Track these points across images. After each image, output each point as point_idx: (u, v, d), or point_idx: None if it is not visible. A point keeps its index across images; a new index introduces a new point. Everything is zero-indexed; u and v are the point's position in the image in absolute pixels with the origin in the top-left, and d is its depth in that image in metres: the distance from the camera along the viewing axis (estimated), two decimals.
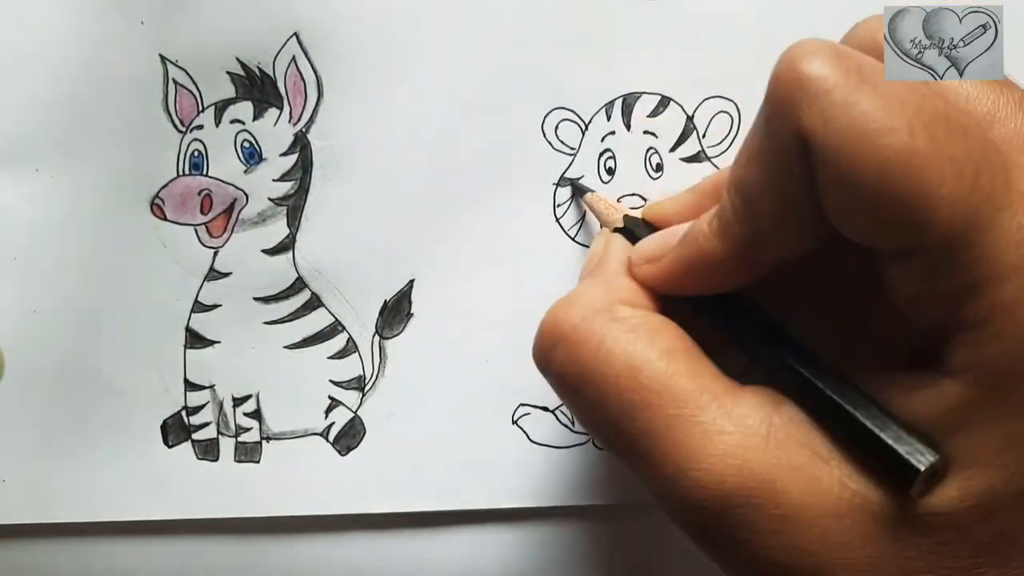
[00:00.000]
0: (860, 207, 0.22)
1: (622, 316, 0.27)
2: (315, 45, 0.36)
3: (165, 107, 0.36)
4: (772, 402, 0.25)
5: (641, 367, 0.26)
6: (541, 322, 0.29)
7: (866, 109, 0.22)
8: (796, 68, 0.23)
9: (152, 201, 0.36)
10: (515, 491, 0.36)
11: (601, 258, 0.31)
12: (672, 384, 0.25)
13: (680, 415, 0.25)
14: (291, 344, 0.37)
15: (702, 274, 0.27)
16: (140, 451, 0.37)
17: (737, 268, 0.26)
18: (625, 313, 0.27)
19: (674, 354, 0.26)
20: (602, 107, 0.36)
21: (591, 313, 0.27)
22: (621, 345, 0.26)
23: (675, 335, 0.27)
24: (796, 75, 0.23)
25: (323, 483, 0.37)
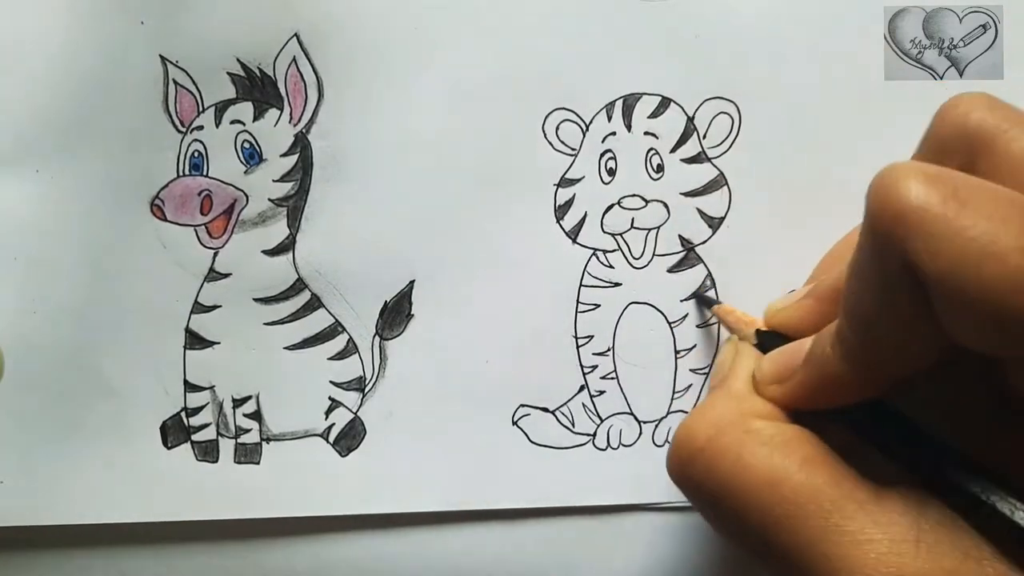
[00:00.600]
0: (979, 329, 0.22)
1: (756, 428, 0.27)
2: (315, 45, 0.36)
3: (165, 107, 0.36)
4: (918, 504, 0.25)
5: (782, 479, 0.26)
6: (675, 435, 0.28)
7: (972, 235, 0.22)
8: (894, 199, 0.23)
9: (152, 202, 0.36)
10: (515, 491, 0.36)
11: (730, 369, 0.31)
12: (815, 495, 0.25)
13: (827, 526, 0.25)
14: (291, 345, 0.37)
15: (830, 394, 0.27)
16: (139, 452, 0.37)
17: (865, 387, 0.26)
18: (758, 425, 0.27)
19: (813, 464, 0.26)
20: (603, 108, 0.36)
21: (725, 426, 0.27)
22: (759, 458, 0.26)
23: (812, 444, 0.27)
24: (895, 207, 0.23)
25: (323, 484, 0.37)
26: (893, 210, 0.23)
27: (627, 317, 0.37)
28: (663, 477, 0.36)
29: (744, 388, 0.30)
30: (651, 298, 0.37)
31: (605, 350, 0.37)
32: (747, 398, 0.29)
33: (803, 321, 0.31)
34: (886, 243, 0.23)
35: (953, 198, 0.22)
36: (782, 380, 0.29)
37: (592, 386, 0.37)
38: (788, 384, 0.28)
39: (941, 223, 0.22)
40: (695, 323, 0.37)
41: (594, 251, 0.36)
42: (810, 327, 0.30)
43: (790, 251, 0.36)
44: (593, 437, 0.37)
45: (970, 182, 0.23)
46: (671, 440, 0.29)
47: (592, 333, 0.37)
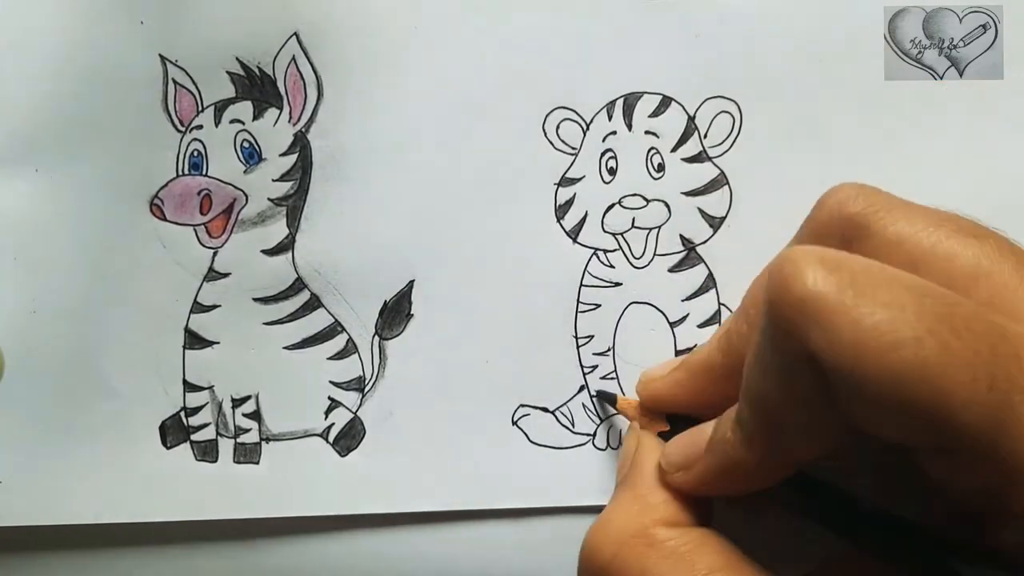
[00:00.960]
0: (881, 418, 0.22)
1: (660, 539, 0.27)
2: (315, 45, 0.36)
3: (165, 107, 0.36)
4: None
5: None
6: (581, 548, 0.28)
7: (869, 324, 0.21)
8: (792, 288, 0.22)
9: (151, 201, 0.36)
10: (515, 491, 0.36)
11: (633, 464, 0.31)
12: None
13: None
14: (291, 345, 0.37)
15: (735, 480, 0.27)
16: (139, 452, 0.37)
17: (768, 473, 0.26)
18: (663, 535, 0.27)
19: (718, 572, 0.26)
20: (603, 107, 0.36)
21: (627, 540, 0.27)
22: (663, 572, 0.26)
23: (716, 551, 0.27)
24: (793, 296, 0.22)
25: (323, 484, 0.37)
26: (791, 298, 0.22)
27: (627, 317, 0.37)
28: None
29: (648, 486, 0.29)
30: (652, 298, 0.36)
31: (605, 350, 0.37)
32: (650, 502, 0.29)
33: (676, 396, 0.31)
34: (786, 332, 0.23)
35: (849, 285, 0.22)
36: (687, 467, 0.28)
37: (592, 386, 0.37)
38: (693, 471, 0.28)
39: (839, 312, 0.22)
40: (695, 323, 0.37)
41: (594, 251, 0.36)
42: (683, 401, 0.30)
43: None
44: (593, 437, 0.37)
45: (868, 267, 0.23)
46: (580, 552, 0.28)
47: (592, 333, 0.37)
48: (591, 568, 0.28)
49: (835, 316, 0.22)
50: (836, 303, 0.22)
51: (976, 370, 0.21)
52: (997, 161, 0.36)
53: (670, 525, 0.28)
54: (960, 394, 0.21)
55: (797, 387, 0.23)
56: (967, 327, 0.22)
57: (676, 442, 0.30)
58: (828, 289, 0.22)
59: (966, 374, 0.21)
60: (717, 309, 0.36)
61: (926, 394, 0.21)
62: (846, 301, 0.22)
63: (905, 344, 0.21)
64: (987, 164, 0.35)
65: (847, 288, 0.22)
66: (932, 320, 0.21)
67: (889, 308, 0.21)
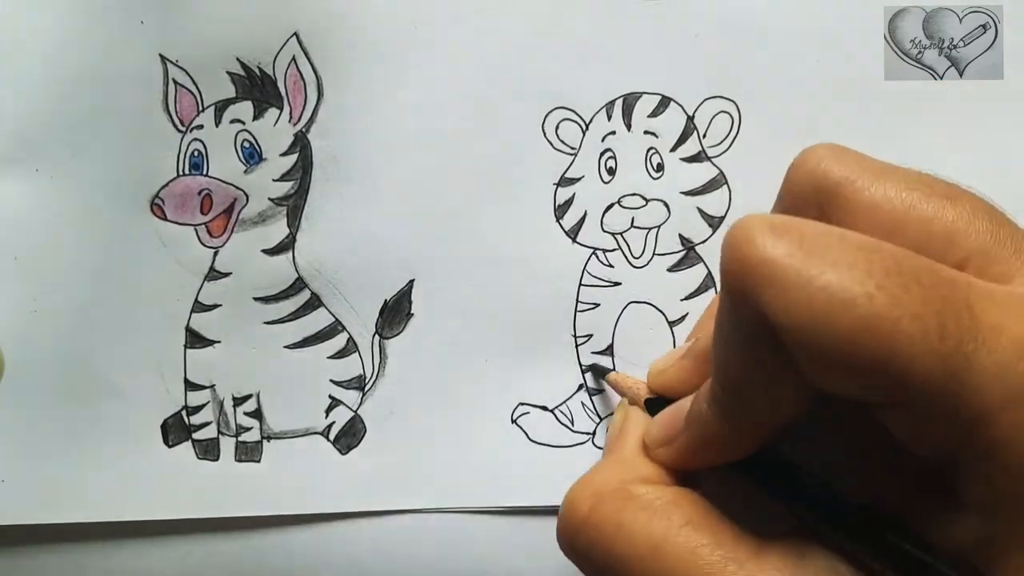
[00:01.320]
0: (838, 376, 0.22)
1: (637, 494, 0.27)
2: (315, 45, 0.36)
3: (165, 107, 0.36)
4: (797, 554, 0.25)
5: (662, 543, 0.26)
6: (561, 506, 0.29)
7: (820, 284, 0.22)
8: (743, 254, 0.23)
9: (152, 201, 0.36)
10: (515, 490, 0.36)
11: (619, 434, 0.31)
12: (696, 557, 0.25)
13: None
14: (291, 344, 0.37)
15: (712, 452, 0.27)
16: (140, 451, 0.37)
17: (745, 441, 0.26)
18: (640, 491, 0.27)
19: (694, 525, 0.26)
20: (603, 107, 0.36)
21: (606, 494, 0.27)
22: (640, 524, 0.26)
23: (693, 505, 0.27)
24: (745, 262, 0.23)
25: (324, 482, 0.37)
26: (743, 264, 0.23)
27: (627, 316, 0.37)
28: None
29: (631, 453, 0.30)
30: (651, 297, 0.37)
31: (605, 349, 0.37)
32: (632, 463, 0.29)
33: (684, 383, 0.31)
34: (740, 299, 0.23)
35: (799, 248, 0.22)
36: (668, 442, 0.29)
37: (591, 385, 0.37)
38: (674, 446, 0.28)
39: (790, 274, 0.22)
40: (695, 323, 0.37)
41: (594, 250, 0.36)
42: (690, 387, 0.30)
43: None
44: (592, 436, 0.37)
45: (817, 229, 0.23)
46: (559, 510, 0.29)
47: (591, 332, 0.37)
48: (570, 523, 0.28)
49: (786, 278, 0.22)
50: (786, 265, 0.22)
51: (926, 322, 0.21)
52: (997, 161, 0.35)
53: (650, 482, 0.28)
54: (911, 347, 0.21)
55: (756, 353, 0.23)
56: (916, 280, 0.22)
57: (658, 419, 0.30)
58: (778, 252, 0.22)
59: (916, 326, 0.21)
60: None
61: (879, 349, 0.21)
62: (795, 263, 0.22)
63: (856, 301, 0.21)
64: (987, 164, 0.35)
65: (796, 250, 0.22)
66: (881, 275, 0.22)
67: (838, 267, 0.22)
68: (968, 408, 0.22)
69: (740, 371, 0.24)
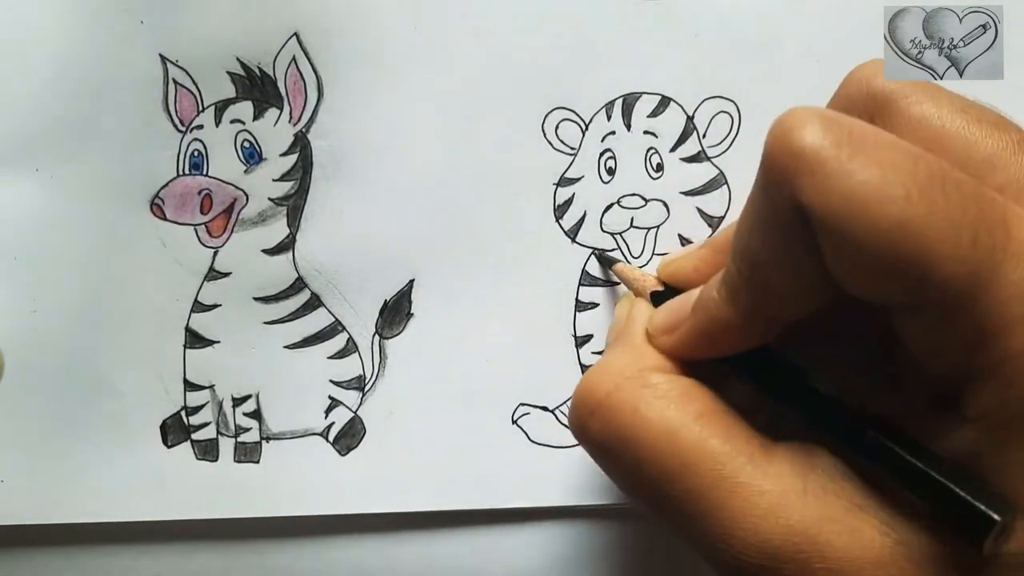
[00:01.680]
0: (864, 272, 0.23)
1: (653, 382, 0.28)
2: (315, 45, 0.36)
3: (165, 107, 0.36)
4: (806, 455, 0.26)
5: (677, 431, 0.26)
6: (575, 391, 0.29)
7: (862, 179, 0.22)
8: (789, 140, 0.23)
9: (152, 201, 0.36)
10: (515, 491, 0.36)
11: (626, 324, 0.31)
12: (708, 446, 0.26)
13: (719, 477, 0.25)
14: (291, 344, 0.37)
15: (717, 340, 0.27)
16: (139, 451, 0.37)
17: (751, 332, 0.27)
18: (656, 379, 0.28)
19: (707, 416, 0.27)
20: (602, 107, 0.36)
21: (622, 381, 0.28)
22: (655, 411, 0.27)
23: (707, 398, 0.27)
24: (790, 148, 0.23)
25: (323, 483, 0.37)
26: (787, 150, 0.23)
27: None
28: None
29: (641, 341, 0.30)
30: None
31: (604, 349, 0.37)
32: (644, 352, 0.29)
33: (697, 270, 0.31)
34: (778, 182, 0.23)
35: (847, 142, 0.23)
36: (672, 329, 0.29)
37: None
38: (677, 333, 0.29)
39: (832, 164, 0.22)
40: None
41: (593, 250, 0.36)
42: (702, 277, 0.30)
43: None
44: None
45: (866, 129, 0.23)
46: (573, 394, 0.29)
47: (591, 332, 0.37)
48: (586, 405, 0.28)
49: (827, 168, 0.22)
50: (830, 156, 0.22)
51: (960, 229, 0.22)
52: None
53: (663, 372, 0.28)
54: (942, 248, 0.22)
55: (784, 239, 0.24)
56: (957, 190, 0.22)
57: (663, 307, 0.30)
58: (824, 142, 0.23)
59: (950, 231, 0.22)
60: None
61: (909, 247, 0.22)
62: (840, 155, 0.22)
63: (894, 199, 0.22)
64: None
65: (844, 144, 0.23)
66: (924, 180, 0.22)
67: (882, 166, 0.22)
68: (988, 317, 0.22)
69: (762, 254, 0.25)
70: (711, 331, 0.27)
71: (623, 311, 0.33)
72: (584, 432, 0.28)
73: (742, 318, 0.26)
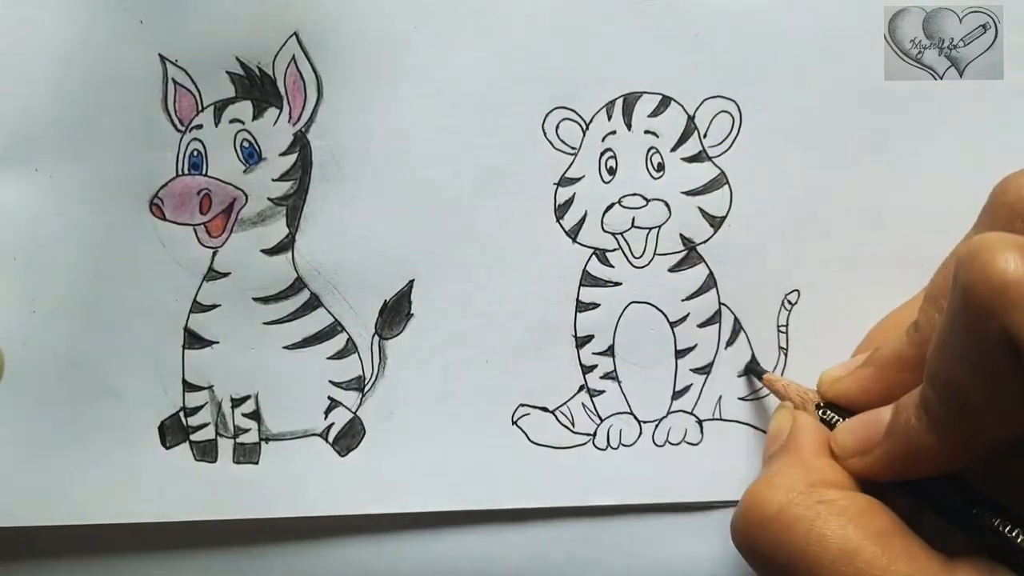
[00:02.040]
0: None
1: (829, 498, 0.27)
2: (315, 45, 0.36)
3: (164, 107, 0.36)
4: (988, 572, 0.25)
5: (856, 551, 0.26)
6: (742, 502, 0.29)
7: None
8: (990, 272, 0.23)
9: (151, 201, 0.36)
10: (515, 491, 0.36)
11: (791, 437, 0.31)
12: (890, 568, 0.26)
13: None
14: (290, 344, 0.37)
15: (918, 464, 0.27)
16: (137, 452, 0.37)
17: (955, 457, 0.26)
18: (832, 495, 0.28)
19: (887, 536, 0.26)
20: (603, 107, 0.36)
21: (796, 495, 0.28)
22: (833, 528, 0.26)
23: (885, 516, 0.27)
24: (993, 281, 0.23)
25: (322, 484, 0.37)
26: (991, 284, 0.23)
27: (627, 316, 0.37)
28: (662, 477, 0.36)
29: (812, 456, 0.30)
30: (652, 297, 0.36)
31: (605, 349, 0.37)
32: (815, 466, 0.29)
33: (865, 391, 0.31)
34: (983, 315, 0.23)
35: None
36: (864, 452, 0.29)
37: (592, 386, 0.37)
38: (871, 456, 0.28)
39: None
40: (696, 323, 0.37)
41: (594, 250, 0.36)
42: (873, 397, 0.30)
43: (791, 250, 0.36)
44: (593, 437, 0.37)
45: None
46: (739, 505, 0.29)
47: (592, 332, 0.37)
48: (754, 520, 0.28)
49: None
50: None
51: None
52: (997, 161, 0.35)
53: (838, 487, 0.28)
54: None
55: (993, 370, 0.24)
56: None
57: (849, 428, 0.30)
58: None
59: None
60: (718, 309, 0.36)
61: None
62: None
63: None
64: (987, 164, 0.35)
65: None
66: None
67: None
68: None
69: (970, 385, 0.24)
70: (911, 456, 0.27)
71: (784, 423, 0.32)
72: (753, 546, 0.28)
73: (947, 446, 0.26)
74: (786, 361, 0.36)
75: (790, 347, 0.37)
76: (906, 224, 0.36)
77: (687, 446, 0.37)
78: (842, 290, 0.36)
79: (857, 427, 0.30)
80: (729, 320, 0.37)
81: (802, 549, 0.26)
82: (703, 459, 0.37)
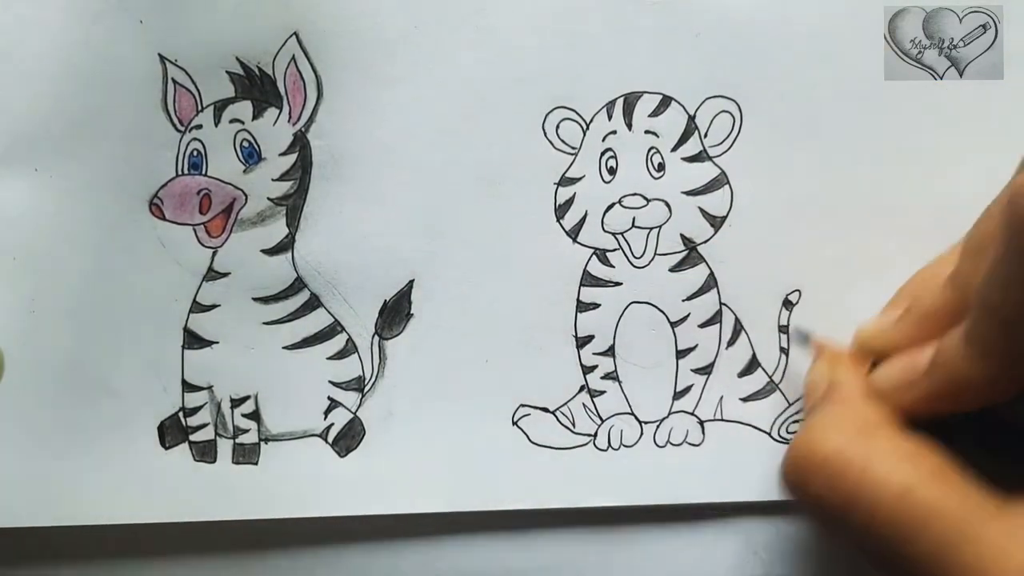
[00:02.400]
0: None
1: (881, 438, 0.28)
2: (315, 45, 0.36)
3: (164, 107, 0.36)
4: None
5: (911, 490, 0.26)
6: (793, 447, 0.29)
7: None
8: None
9: (151, 201, 0.36)
10: (515, 492, 0.36)
11: (832, 387, 0.32)
12: (948, 506, 0.26)
13: (960, 537, 0.25)
14: (290, 344, 0.37)
15: (963, 397, 0.27)
16: (136, 452, 0.36)
17: (1002, 387, 0.26)
18: (883, 436, 0.28)
19: (941, 475, 0.26)
20: (603, 106, 0.36)
21: (850, 435, 0.28)
22: (887, 468, 0.27)
23: (938, 455, 0.27)
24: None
25: (322, 485, 0.36)
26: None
27: (628, 317, 0.37)
28: (664, 478, 0.36)
29: (859, 399, 0.30)
30: (652, 298, 0.36)
31: (606, 350, 0.37)
32: (863, 411, 0.29)
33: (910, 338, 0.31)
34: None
35: None
36: (909, 387, 0.29)
37: (592, 386, 0.37)
38: (916, 390, 0.29)
39: None
40: (697, 323, 0.36)
41: (594, 250, 0.36)
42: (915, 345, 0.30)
43: (792, 250, 0.36)
44: (594, 437, 0.37)
45: None
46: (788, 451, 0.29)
47: (592, 333, 0.37)
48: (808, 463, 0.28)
49: None
50: None
51: None
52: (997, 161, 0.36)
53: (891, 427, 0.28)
54: None
55: None
56: None
57: (891, 367, 0.30)
58: None
59: None
60: (718, 308, 0.36)
61: None
62: None
63: None
64: (987, 164, 0.35)
65: None
66: None
67: None
68: None
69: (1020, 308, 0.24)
70: (956, 389, 0.27)
71: (821, 373, 0.33)
72: (806, 490, 0.28)
73: (996, 375, 0.26)
74: (787, 361, 0.36)
75: (791, 347, 0.37)
76: (906, 224, 0.36)
77: (688, 447, 0.37)
78: (843, 290, 0.36)
79: (897, 366, 0.30)
80: (730, 320, 0.37)
81: (856, 490, 0.27)
82: (704, 460, 0.37)
